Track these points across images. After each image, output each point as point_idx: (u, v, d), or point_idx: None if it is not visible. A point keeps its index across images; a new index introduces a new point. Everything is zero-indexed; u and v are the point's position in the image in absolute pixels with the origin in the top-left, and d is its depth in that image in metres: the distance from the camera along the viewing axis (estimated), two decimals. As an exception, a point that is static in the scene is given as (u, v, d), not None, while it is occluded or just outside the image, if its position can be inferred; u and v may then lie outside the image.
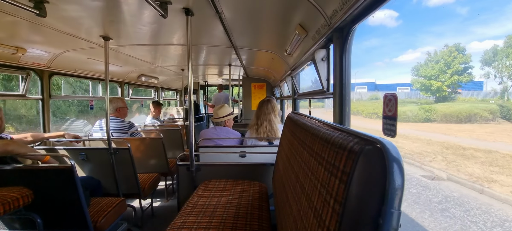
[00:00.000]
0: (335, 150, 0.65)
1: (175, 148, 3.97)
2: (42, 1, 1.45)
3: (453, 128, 18.48)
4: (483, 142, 13.56)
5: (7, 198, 1.43)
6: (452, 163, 10.79)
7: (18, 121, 6.71)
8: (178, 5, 1.60)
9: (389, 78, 68.99)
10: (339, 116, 1.40)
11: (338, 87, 1.40)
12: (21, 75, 2.59)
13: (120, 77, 4.22)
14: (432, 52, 30.61)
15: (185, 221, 1.29)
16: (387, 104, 0.95)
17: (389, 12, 56.50)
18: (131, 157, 2.45)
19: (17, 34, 1.99)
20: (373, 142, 0.53)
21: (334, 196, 0.59)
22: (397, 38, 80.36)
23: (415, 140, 14.94)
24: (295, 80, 2.98)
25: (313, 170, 0.79)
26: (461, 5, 44.77)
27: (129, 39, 2.35)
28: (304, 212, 0.79)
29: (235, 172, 2.06)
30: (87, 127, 7.08)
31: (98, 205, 2.01)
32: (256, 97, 5.85)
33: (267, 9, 1.68)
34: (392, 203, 0.46)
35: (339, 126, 0.80)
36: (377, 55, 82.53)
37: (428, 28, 53.23)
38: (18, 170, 1.63)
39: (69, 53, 2.60)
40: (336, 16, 1.26)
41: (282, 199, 1.19)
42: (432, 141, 14.50)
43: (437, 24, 53.40)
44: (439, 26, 52.24)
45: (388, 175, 0.47)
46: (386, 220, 0.46)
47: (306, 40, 1.84)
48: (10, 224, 1.76)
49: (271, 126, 2.37)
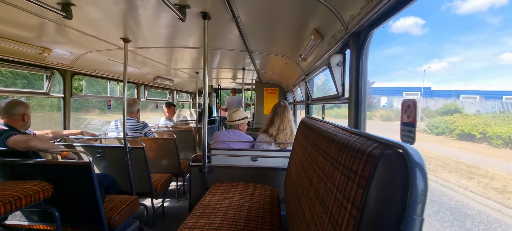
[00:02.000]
0: (353, 154, 0.64)
1: (187, 149, 4.02)
2: (68, 4, 1.53)
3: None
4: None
5: (29, 191, 1.50)
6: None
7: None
8: (196, 9, 1.64)
9: (448, 83, 61.22)
10: (355, 121, 1.37)
11: (354, 92, 1.38)
12: (46, 74, 2.72)
13: (136, 79, 4.34)
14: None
15: (197, 221, 1.30)
16: (406, 110, 0.93)
17: (415, 19, 53.42)
18: (145, 156, 2.50)
19: (44, 35, 2.10)
20: (394, 146, 0.52)
21: (351, 200, 0.58)
22: (422, 46, 77.18)
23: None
24: (308, 85, 2.96)
25: (329, 175, 0.77)
26: (492, 14, 41.86)
27: (147, 41, 2.42)
28: (318, 217, 0.77)
29: (246, 175, 2.06)
30: (105, 127, 7.32)
31: (112, 202, 2.06)
32: (269, 102, 5.85)
33: (283, 13, 1.69)
34: (415, 209, 0.45)
35: (356, 130, 0.79)
36: (400, 63, 79.41)
37: (455, 38, 49.90)
38: (40, 164, 1.70)
39: (91, 54, 2.71)
40: (353, 21, 1.25)
41: (294, 204, 1.17)
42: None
43: (466, 33, 49.95)
44: (468, 35, 48.94)
45: (411, 180, 0.45)
46: (408, 226, 0.45)
47: (321, 45, 1.83)
48: (29, 216, 1.83)
49: (291, 132, 2.36)
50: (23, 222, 1.83)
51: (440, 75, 51.39)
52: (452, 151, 9.75)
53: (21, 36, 2.06)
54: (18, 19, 1.76)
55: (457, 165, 8.23)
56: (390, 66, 78.90)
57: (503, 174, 7.16)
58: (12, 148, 1.71)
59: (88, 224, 1.83)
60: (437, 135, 12.95)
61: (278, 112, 2.41)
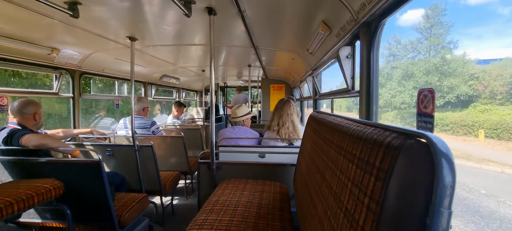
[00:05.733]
0: (369, 146, 0.61)
1: (194, 147, 4.03)
2: (75, 3, 1.54)
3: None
4: None
5: (41, 189, 1.52)
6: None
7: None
8: (202, 4, 1.62)
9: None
10: (366, 114, 1.33)
11: (365, 85, 1.33)
12: (55, 74, 2.76)
13: (144, 78, 4.37)
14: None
15: (207, 218, 1.29)
16: (422, 100, 0.89)
17: (424, 11, 50.95)
18: (154, 154, 2.51)
19: (53, 35, 2.12)
20: (416, 135, 0.49)
21: (369, 194, 0.55)
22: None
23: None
24: (316, 80, 2.92)
25: (342, 169, 0.75)
26: (503, 5, 39.60)
27: (154, 39, 2.42)
28: (332, 212, 0.75)
29: (255, 172, 2.04)
30: (114, 125, 7.43)
31: (122, 200, 2.08)
32: (275, 99, 5.82)
33: (289, 6, 1.66)
34: (442, 201, 0.41)
35: (370, 122, 0.75)
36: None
37: (463, 30, 47.74)
38: (51, 163, 1.72)
39: (98, 53, 2.73)
40: (364, 10, 1.21)
41: (305, 200, 1.15)
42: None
43: (476, 25, 47.80)
44: (477, 27, 46.75)
45: (437, 172, 0.42)
46: (435, 220, 0.42)
47: (329, 37, 1.79)
48: (42, 214, 1.86)
49: (294, 126, 2.32)
50: (36, 219, 1.86)
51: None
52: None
53: (30, 37, 2.09)
54: (27, 20, 1.78)
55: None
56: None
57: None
58: (25, 146, 1.75)
59: (99, 222, 1.85)
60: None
61: (277, 107, 2.41)
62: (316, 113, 1.51)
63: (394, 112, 25.37)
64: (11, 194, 1.39)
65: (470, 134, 18.08)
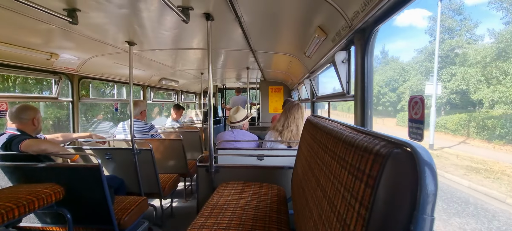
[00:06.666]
0: (360, 153, 0.64)
1: (193, 150, 4.05)
2: (74, 10, 1.56)
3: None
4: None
5: (41, 193, 1.53)
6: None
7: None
8: (199, 11, 1.65)
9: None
10: (361, 118, 1.36)
11: (359, 89, 1.36)
12: (54, 79, 2.77)
13: (142, 81, 4.39)
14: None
15: (206, 221, 1.31)
16: (413, 107, 0.92)
17: (421, 11, 49.71)
18: (152, 157, 2.53)
19: (52, 41, 2.14)
20: (402, 145, 0.51)
21: (359, 200, 0.57)
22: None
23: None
24: (313, 83, 2.94)
25: (336, 174, 0.77)
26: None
27: (152, 44, 2.44)
28: (326, 216, 0.77)
29: (253, 174, 2.06)
30: (113, 129, 7.45)
31: (121, 203, 2.10)
32: (274, 101, 5.84)
33: (286, 12, 1.68)
34: (425, 208, 0.44)
35: (363, 128, 0.78)
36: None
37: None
38: (51, 168, 1.74)
39: (97, 58, 2.75)
40: (357, 17, 1.24)
41: (301, 203, 1.17)
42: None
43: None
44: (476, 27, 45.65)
45: (420, 180, 0.45)
46: (418, 226, 0.44)
47: (326, 42, 1.82)
48: (42, 218, 1.87)
49: (297, 130, 2.35)
50: (36, 224, 1.88)
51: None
52: None
53: (29, 42, 2.11)
54: (27, 26, 1.80)
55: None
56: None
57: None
58: (25, 152, 1.76)
59: (99, 225, 1.87)
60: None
61: (285, 109, 2.43)
62: (312, 117, 1.53)
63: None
64: (12, 199, 1.40)
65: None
